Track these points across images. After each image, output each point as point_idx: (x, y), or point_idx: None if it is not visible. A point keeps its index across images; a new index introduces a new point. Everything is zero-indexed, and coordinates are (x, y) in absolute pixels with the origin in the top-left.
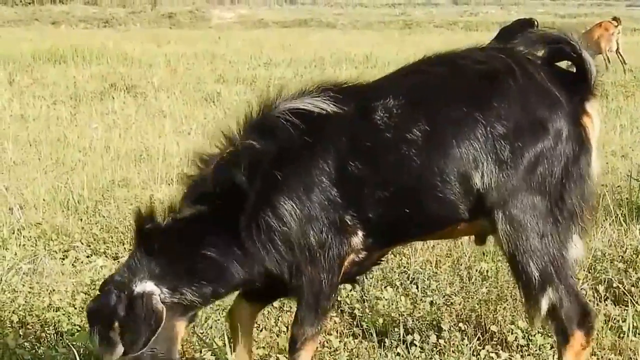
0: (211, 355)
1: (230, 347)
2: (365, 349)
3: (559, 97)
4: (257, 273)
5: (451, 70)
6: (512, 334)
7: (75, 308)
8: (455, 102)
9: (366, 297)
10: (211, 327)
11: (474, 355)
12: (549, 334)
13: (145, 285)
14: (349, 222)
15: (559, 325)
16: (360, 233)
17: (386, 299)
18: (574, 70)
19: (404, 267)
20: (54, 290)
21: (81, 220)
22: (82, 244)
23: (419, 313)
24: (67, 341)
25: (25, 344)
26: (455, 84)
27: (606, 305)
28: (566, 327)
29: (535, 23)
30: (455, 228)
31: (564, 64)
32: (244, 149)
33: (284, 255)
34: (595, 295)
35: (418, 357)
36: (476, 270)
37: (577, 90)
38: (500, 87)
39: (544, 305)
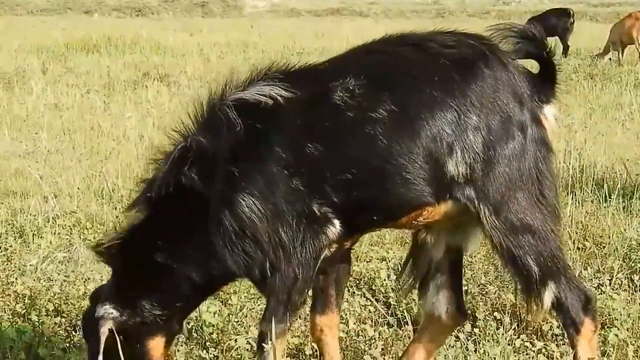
0: (246, 343)
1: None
2: (400, 337)
3: (524, 95)
4: (222, 274)
5: (418, 52)
6: (547, 323)
7: None
8: (425, 85)
9: (401, 285)
10: (246, 316)
11: (509, 344)
12: None
13: (101, 310)
14: (317, 212)
15: (567, 317)
16: (336, 222)
17: None
18: (539, 70)
19: None
20: (89, 278)
21: (115, 209)
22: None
23: None
24: None
25: (61, 332)
26: (423, 66)
27: None
28: (574, 318)
29: (571, 13)
30: (420, 215)
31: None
32: (194, 146)
33: (251, 255)
34: (631, 284)
35: (453, 346)
36: None
37: (539, 91)
38: (474, 76)
39: (547, 300)
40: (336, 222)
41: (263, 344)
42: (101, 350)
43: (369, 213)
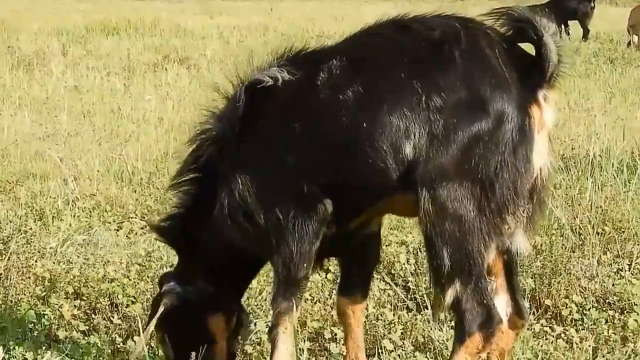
0: (266, 326)
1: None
2: (420, 322)
3: (507, 79)
4: (229, 248)
5: (400, 34)
6: (566, 308)
7: (130, 279)
8: (395, 67)
9: (420, 269)
10: (265, 300)
11: (528, 329)
12: (604, 309)
13: (167, 286)
14: (306, 189)
15: (458, 321)
16: (327, 200)
17: None
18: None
19: None
20: (108, 261)
21: (135, 191)
22: (136, 215)
23: None
24: (122, 312)
25: (80, 314)
26: (400, 48)
27: None
28: (464, 326)
29: None
30: (391, 201)
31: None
32: (211, 127)
33: (250, 231)
34: None
35: None
36: (530, 245)
37: (532, 75)
38: (443, 57)
39: (449, 297)
40: (327, 200)
41: (272, 322)
42: (155, 317)
43: (348, 194)
